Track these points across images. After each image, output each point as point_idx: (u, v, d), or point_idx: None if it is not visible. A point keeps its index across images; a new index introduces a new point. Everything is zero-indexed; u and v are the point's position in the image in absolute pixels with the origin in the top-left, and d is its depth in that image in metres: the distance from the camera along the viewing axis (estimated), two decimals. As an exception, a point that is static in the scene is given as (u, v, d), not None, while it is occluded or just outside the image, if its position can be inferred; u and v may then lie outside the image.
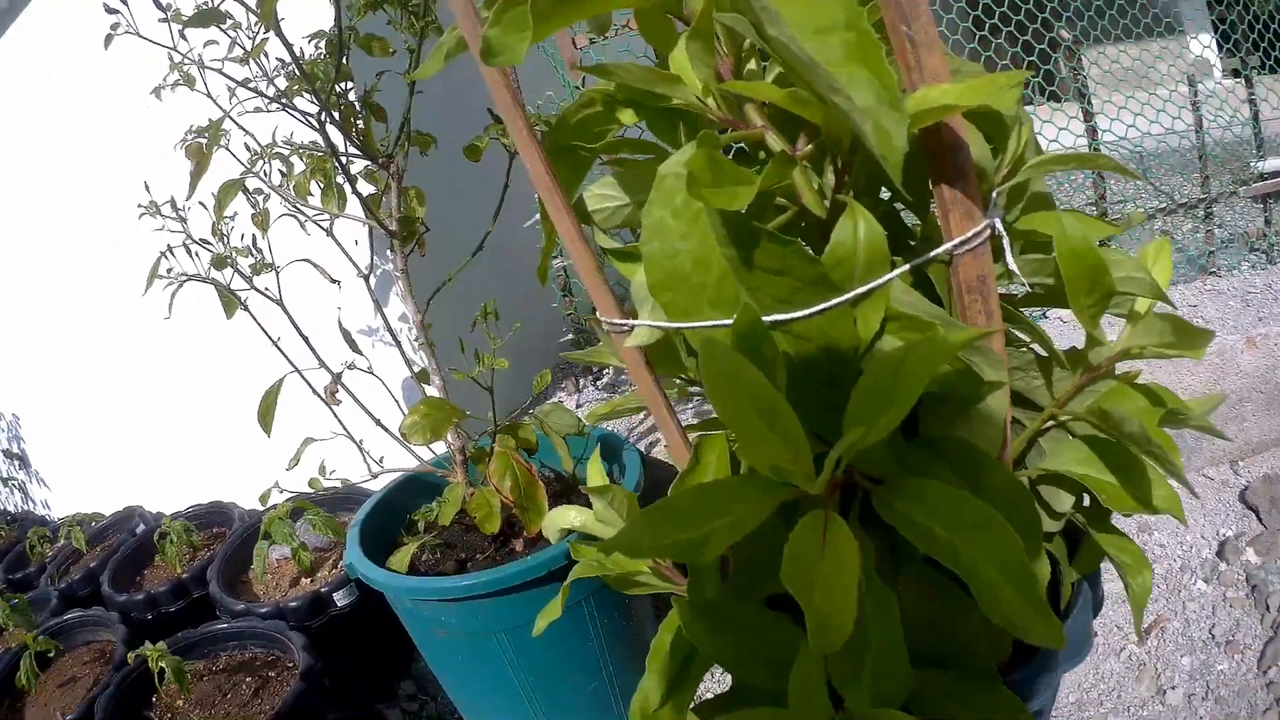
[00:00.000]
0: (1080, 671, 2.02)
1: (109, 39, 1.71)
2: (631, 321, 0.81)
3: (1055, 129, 2.89)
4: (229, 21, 1.65)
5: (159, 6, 1.62)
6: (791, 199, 0.76)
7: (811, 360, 0.69)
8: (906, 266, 0.70)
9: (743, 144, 0.81)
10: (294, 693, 1.79)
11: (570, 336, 2.86)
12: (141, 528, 2.70)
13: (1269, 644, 1.99)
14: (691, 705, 0.87)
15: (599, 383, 2.86)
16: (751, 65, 0.80)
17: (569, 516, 1.02)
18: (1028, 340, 0.89)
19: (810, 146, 0.73)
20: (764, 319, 0.66)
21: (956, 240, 0.69)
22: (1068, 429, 0.94)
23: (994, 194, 0.75)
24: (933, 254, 0.70)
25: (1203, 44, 4.48)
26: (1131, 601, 0.99)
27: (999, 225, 0.70)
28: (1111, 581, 2.14)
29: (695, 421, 1.05)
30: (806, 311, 0.66)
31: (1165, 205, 2.97)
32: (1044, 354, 0.89)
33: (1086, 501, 0.98)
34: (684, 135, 0.83)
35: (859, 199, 0.74)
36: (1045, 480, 0.94)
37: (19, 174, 2.66)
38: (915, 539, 0.68)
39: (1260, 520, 2.37)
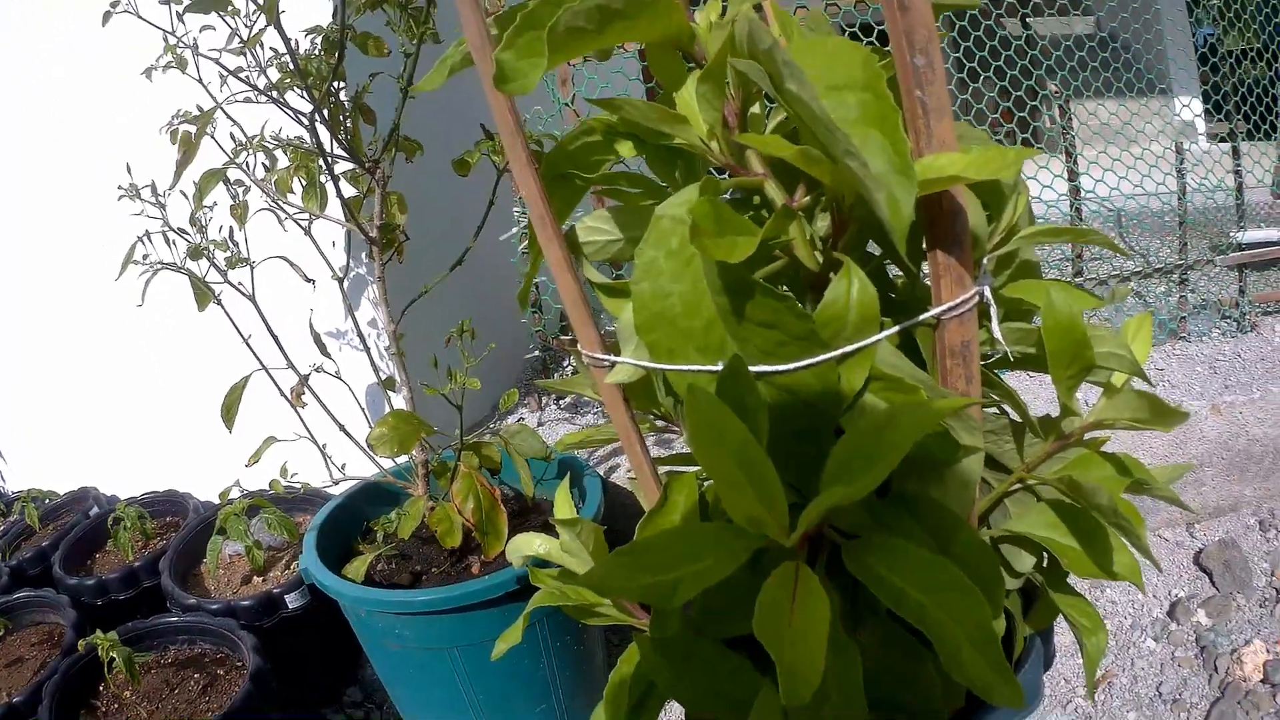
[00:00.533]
0: (1027, 724, 2.03)
1: (107, 16, 1.70)
2: (614, 358, 0.81)
3: (1039, 185, 2.93)
4: (230, 7, 1.63)
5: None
6: (784, 248, 0.76)
7: (792, 411, 0.70)
8: (895, 329, 0.71)
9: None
10: (243, 694, 1.77)
11: (536, 353, 2.86)
12: (95, 510, 2.65)
13: (1215, 704, 2.01)
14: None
15: (561, 402, 2.86)
16: (755, 108, 0.80)
17: (534, 544, 1.02)
18: (1001, 404, 0.90)
19: (807, 199, 0.73)
20: (751, 369, 0.66)
21: (946, 306, 0.70)
22: (1034, 492, 0.95)
23: (985, 260, 0.76)
24: (922, 318, 0.71)
25: (1189, 107, 4.54)
26: (1085, 661, 1.00)
27: (988, 294, 0.71)
28: (1061, 634, 2.16)
29: (662, 454, 1.05)
30: (793, 365, 0.67)
31: (1141, 269, 3.00)
32: (1017, 419, 0.90)
33: (1044, 560, 0.99)
34: (681, 174, 0.83)
35: (850, 252, 0.74)
36: (1008, 540, 0.95)
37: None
38: (884, 597, 0.69)
39: (1213, 583, 2.39)
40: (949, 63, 3.08)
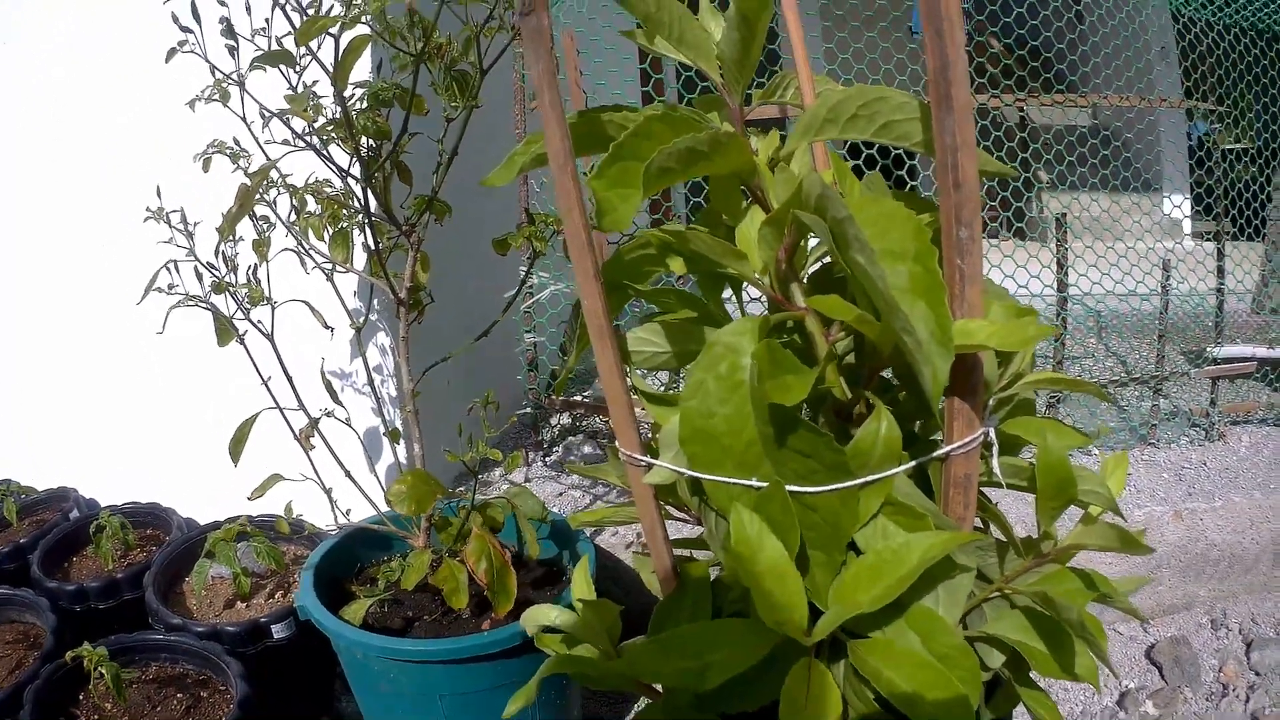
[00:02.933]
0: (978, 805, 2.10)
1: (171, 53, 1.75)
2: (653, 461, 0.89)
3: (1028, 275, 3.02)
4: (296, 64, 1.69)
5: (232, 35, 1.69)
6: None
7: (814, 527, 0.79)
8: (913, 464, 0.80)
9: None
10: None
11: (527, 409, 2.93)
12: (75, 512, 2.65)
13: (1160, 793, 2.10)
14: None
15: (547, 460, 2.94)
16: (801, 244, 0.89)
17: (550, 615, 1.09)
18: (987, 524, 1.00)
19: (842, 334, 0.83)
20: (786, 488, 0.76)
21: (957, 444, 0.79)
22: (1009, 599, 1.05)
23: (990, 401, 0.86)
24: (934, 455, 0.80)
25: (1177, 205, 4.63)
26: (1042, 755, 1.09)
27: (992, 433, 0.81)
28: (1018, 718, 2.24)
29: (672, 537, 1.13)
30: (825, 489, 0.76)
31: (1118, 378, 3.10)
32: (1002, 538, 0.99)
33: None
34: (722, 296, 0.93)
35: (874, 389, 0.84)
36: (983, 639, 1.04)
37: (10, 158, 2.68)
38: (880, 685, 0.79)
39: (1163, 676, 2.49)
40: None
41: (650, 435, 0.95)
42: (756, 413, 0.74)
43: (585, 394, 3.09)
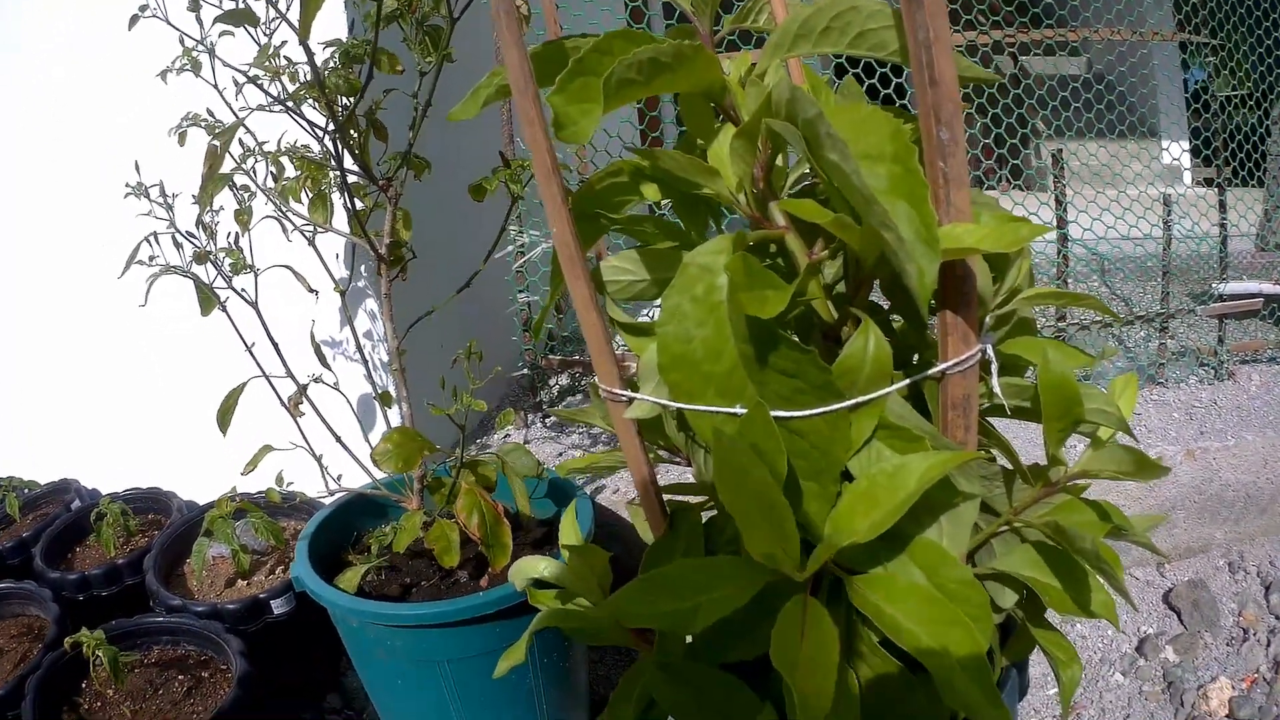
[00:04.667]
0: (999, 751, 2.07)
1: (134, 20, 1.73)
2: (633, 395, 0.85)
3: (1025, 211, 2.97)
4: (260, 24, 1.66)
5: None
6: (800, 295, 0.80)
7: (803, 454, 0.74)
8: (905, 382, 0.75)
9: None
10: (231, 699, 1.79)
11: (524, 371, 2.90)
12: (77, 503, 2.64)
13: (1181, 739, 2.07)
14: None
15: (547, 420, 2.90)
16: (778, 161, 0.85)
17: (538, 567, 1.05)
18: (996, 453, 0.95)
19: (824, 254, 0.78)
20: (771, 413, 0.71)
21: (952, 361, 0.74)
22: (1019, 533, 1.00)
23: (986, 318, 0.81)
24: (929, 373, 0.75)
25: (1176, 153, 4.58)
26: (1061, 691, 1.05)
27: (990, 351, 0.76)
28: (1033, 665, 2.21)
29: (662, 482, 1.09)
30: (811, 412, 0.71)
31: (1124, 316, 3.05)
32: (1008, 465, 0.95)
33: (1024, 596, 1.05)
34: (705, 220, 0.88)
35: (862, 306, 0.79)
36: (993, 577, 1.00)
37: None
38: (883, 624, 0.74)
39: (1181, 621, 2.45)
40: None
41: (633, 372, 0.90)
42: (735, 331, 0.69)
43: (583, 354, 3.05)
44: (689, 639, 0.89)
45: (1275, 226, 3.85)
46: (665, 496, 1.01)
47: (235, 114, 1.81)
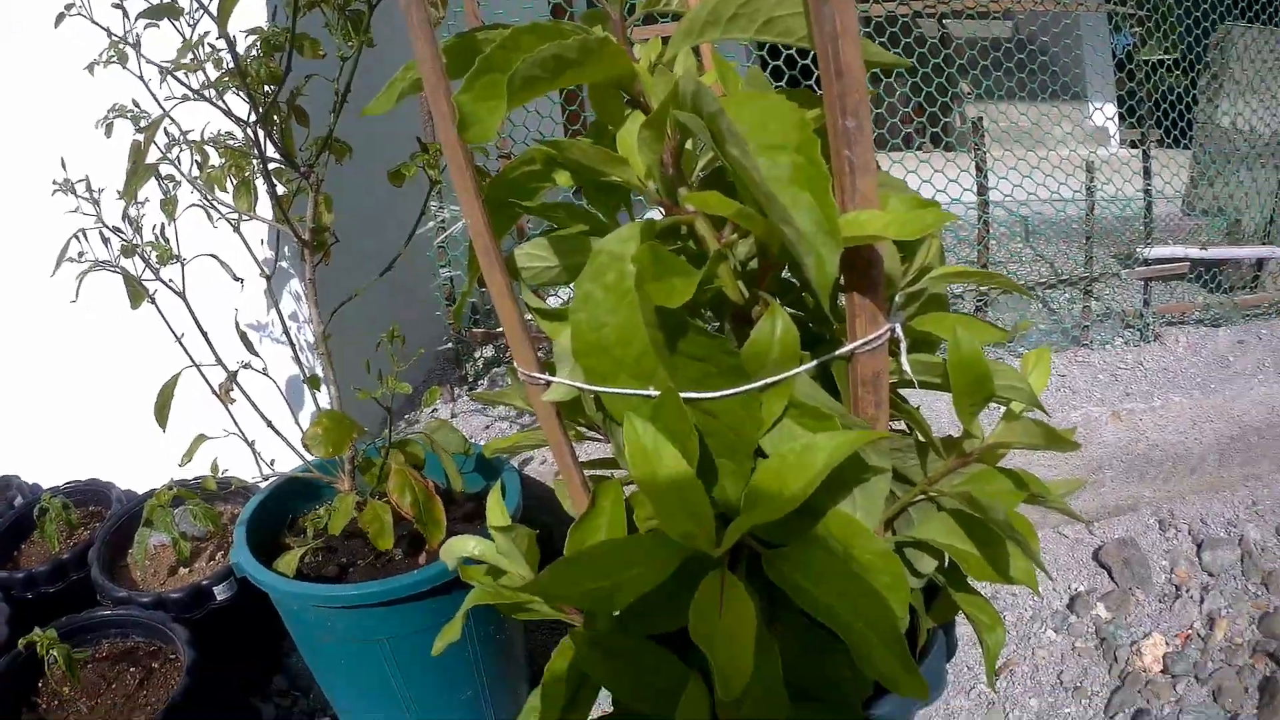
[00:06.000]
0: (932, 707, 2.13)
1: (60, 18, 1.73)
2: (550, 378, 0.87)
3: (945, 179, 3.01)
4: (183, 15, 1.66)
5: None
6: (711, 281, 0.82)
7: (716, 434, 0.77)
8: (813, 363, 0.77)
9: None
10: (181, 688, 1.81)
11: (449, 345, 2.93)
12: (19, 499, 2.64)
13: (1116, 692, 2.13)
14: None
15: (473, 393, 2.92)
16: (688, 145, 0.87)
17: (468, 546, 1.07)
18: (908, 426, 0.98)
19: (735, 236, 0.80)
20: (681, 395, 0.73)
21: (860, 341, 0.77)
22: (936, 501, 1.03)
23: (897, 297, 0.83)
24: (837, 353, 0.78)
25: (1102, 112, 4.64)
26: (985, 655, 1.08)
27: (899, 330, 0.78)
28: (963, 625, 2.26)
29: (583, 458, 1.11)
30: (721, 393, 0.73)
31: (1047, 279, 3.11)
32: (921, 439, 0.97)
33: (946, 562, 1.08)
34: (617, 206, 0.90)
35: (770, 286, 0.81)
36: (911, 545, 1.03)
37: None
38: (799, 600, 0.77)
39: (1112, 578, 2.51)
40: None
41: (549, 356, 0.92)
42: (645, 318, 0.71)
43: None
44: (616, 613, 0.91)
45: (1201, 192, 3.93)
46: (589, 472, 1.03)
47: (160, 105, 1.80)
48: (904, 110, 3.12)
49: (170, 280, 1.93)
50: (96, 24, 1.73)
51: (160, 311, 1.91)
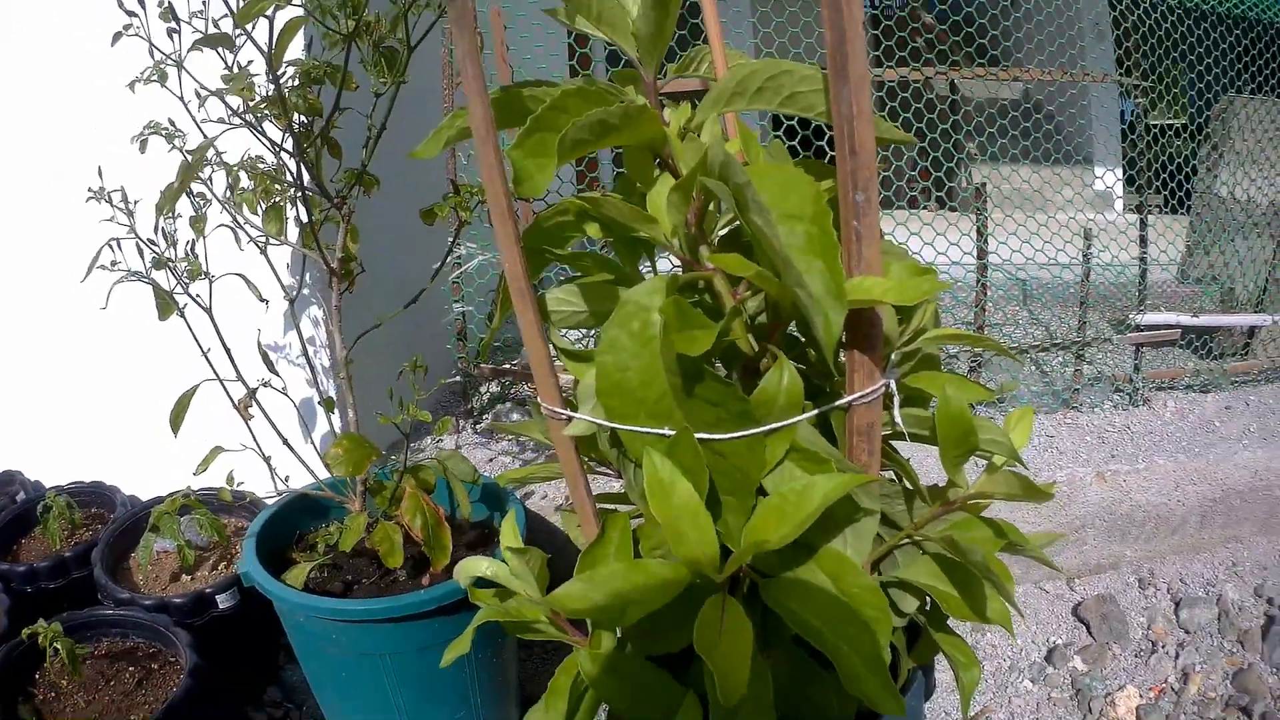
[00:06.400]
0: (907, 753, 2.18)
1: (117, 37, 1.78)
2: (572, 414, 0.94)
3: (947, 242, 3.08)
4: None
5: (174, 18, 1.73)
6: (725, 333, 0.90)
7: (724, 472, 0.84)
8: (814, 412, 0.85)
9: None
10: (183, 689, 1.85)
11: (457, 378, 3.00)
12: (21, 495, 2.66)
13: (1088, 741, 2.19)
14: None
15: (478, 427, 3.00)
16: (710, 207, 0.95)
17: (481, 567, 1.14)
18: (897, 474, 1.05)
19: (748, 294, 0.88)
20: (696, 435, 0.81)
21: (857, 394, 0.85)
22: (920, 546, 1.10)
23: (893, 355, 0.91)
24: (836, 404, 0.86)
25: (1109, 180, 4.69)
26: (960, 691, 1.15)
27: (893, 385, 0.86)
28: (942, 673, 2.32)
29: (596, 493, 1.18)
30: (730, 435, 0.81)
31: (1040, 343, 3.17)
32: (909, 486, 1.05)
33: (927, 604, 1.15)
34: (641, 258, 0.98)
35: (777, 344, 0.89)
36: (895, 585, 1.10)
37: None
38: (794, 625, 0.84)
39: (1090, 633, 2.57)
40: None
41: (571, 392, 0.99)
42: (666, 365, 0.79)
43: (514, 362, 3.14)
44: (618, 633, 0.99)
45: (1196, 260, 4.00)
46: (602, 506, 1.11)
47: (198, 125, 1.87)
48: (910, 174, 3.19)
49: (198, 296, 1.99)
50: (152, 44, 1.79)
51: (188, 324, 1.97)
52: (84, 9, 2.14)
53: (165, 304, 1.93)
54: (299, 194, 1.88)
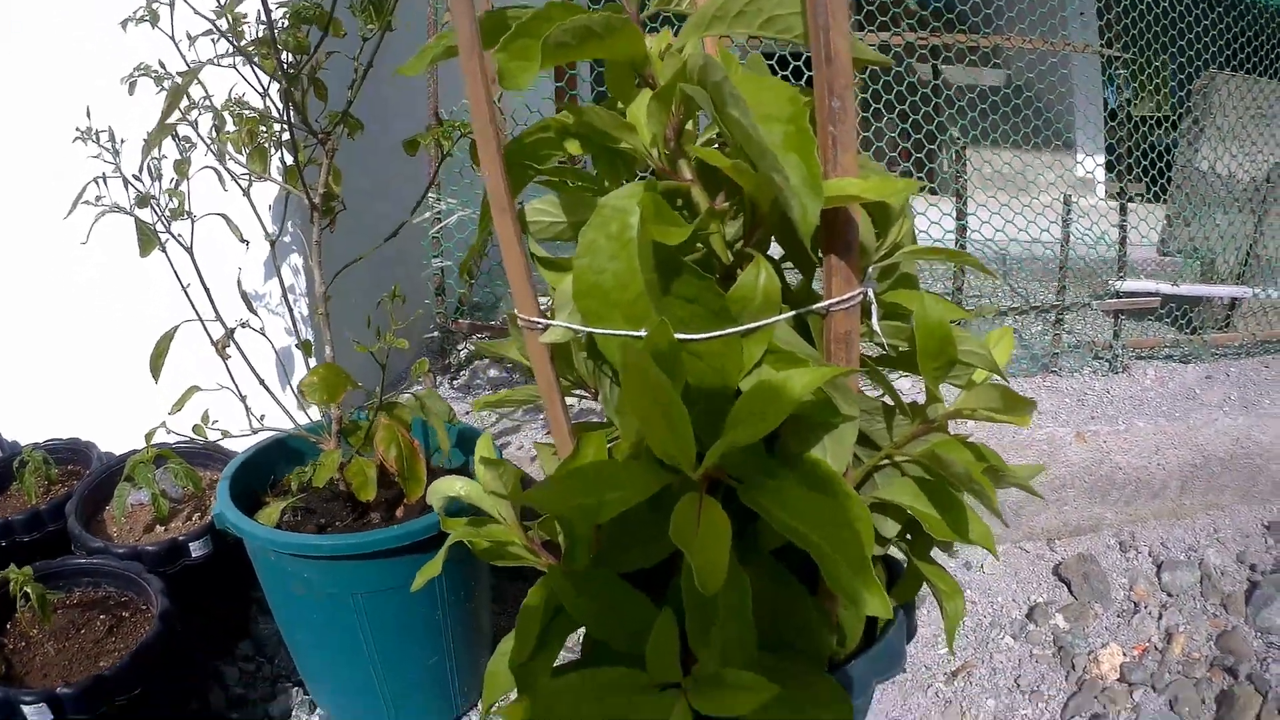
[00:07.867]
0: (889, 703, 2.19)
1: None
2: (547, 321, 0.94)
3: (928, 221, 3.09)
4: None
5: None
6: (703, 242, 0.90)
7: (702, 374, 0.84)
8: (792, 313, 0.85)
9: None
10: (154, 632, 1.84)
11: (434, 334, 3.01)
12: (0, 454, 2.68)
13: (1072, 697, 2.20)
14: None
15: (455, 383, 3.02)
16: (689, 126, 0.94)
17: (455, 486, 1.14)
18: (878, 391, 1.05)
19: (727, 204, 0.88)
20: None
21: (835, 299, 0.84)
22: (900, 469, 1.10)
23: (870, 268, 0.91)
24: (814, 307, 0.85)
25: (1090, 166, 4.70)
26: (945, 621, 1.16)
27: (871, 294, 0.86)
28: (924, 626, 2.33)
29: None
30: (707, 335, 0.81)
31: (1019, 305, 3.18)
32: (890, 403, 1.05)
33: (908, 535, 1.15)
34: (621, 174, 0.97)
35: (757, 248, 0.89)
36: (877, 508, 1.10)
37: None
38: (776, 527, 0.83)
39: (1071, 592, 2.58)
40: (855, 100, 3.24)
41: (549, 307, 0.99)
42: (643, 262, 0.79)
43: (492, 319, 3.16)
44: (591, 555, 0.98)
45: (1176, 233, 4.02)
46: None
47: (189, 65, 1.87)
48: (891, 154, 3.20)
49: (179, 234, 1.99)
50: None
51: (170, 260, 1.97)
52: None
53: (148, 239, 1.92)
54: (287, 127, 1.88)
